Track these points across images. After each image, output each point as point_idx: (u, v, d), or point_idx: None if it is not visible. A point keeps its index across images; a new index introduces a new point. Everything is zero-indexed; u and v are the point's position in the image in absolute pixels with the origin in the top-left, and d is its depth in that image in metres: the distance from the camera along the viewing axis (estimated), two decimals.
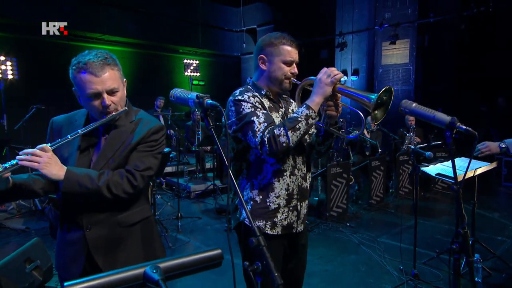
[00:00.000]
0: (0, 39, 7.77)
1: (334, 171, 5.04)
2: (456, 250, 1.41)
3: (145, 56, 10.30)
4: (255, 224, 1.75)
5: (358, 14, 9.67)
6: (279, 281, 0.98)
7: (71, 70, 1.49)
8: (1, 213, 5.34)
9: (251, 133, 1.64)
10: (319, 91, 1.64)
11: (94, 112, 1.52)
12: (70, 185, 1.40)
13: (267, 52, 1.78)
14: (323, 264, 3.74)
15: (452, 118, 1.38)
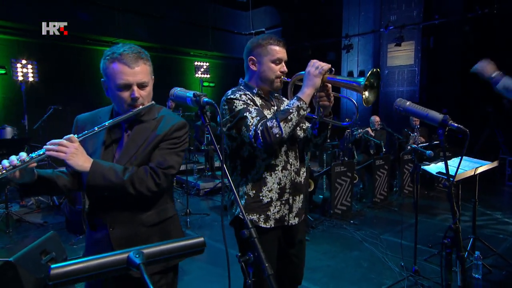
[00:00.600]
0: (22, 44, 7.97)
1: (338, 169, 5.04)
2: (448, 244, 1.42)
3: (158, 59, 10.41)
4: (249, 217, 1.76)
5: (364, 16, 9.63)
6: (269, 271, 1.00)
7: (103, 61, 1.44)
8: (22, 208, 5.47)
9: (245, 128, 1.65)
10: (309, 83, 1.65)
11: (121, 104, 1.45)
12: (95, 178, 1.34)
13: (256, 53, 1.81)
14: (326, 259, 3.75)
15: (444, 116, 1.39)
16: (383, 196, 5.82)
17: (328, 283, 3.26)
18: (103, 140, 1.47)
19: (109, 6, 8.61)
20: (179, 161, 1.51)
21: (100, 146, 1.46)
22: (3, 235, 4.47)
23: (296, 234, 1.93)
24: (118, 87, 1.41)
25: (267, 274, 1.00)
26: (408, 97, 8.98)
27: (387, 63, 9.27)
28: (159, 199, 1.54)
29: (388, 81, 9.29)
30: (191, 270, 3.52)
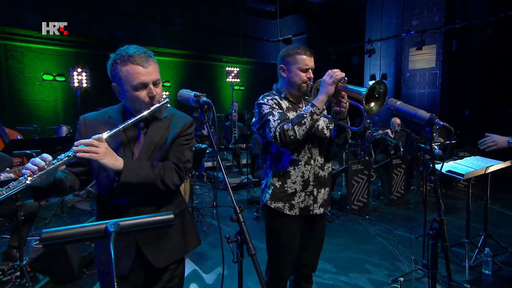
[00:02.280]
0: (78, 54, 8.51)
1: (355, 168, 4.96)
2: (433, 235, 1.40)
3: (192, 65, 10.72)
4: (276, 205, 1.86)
5: (386, 22, 9.35)
6: (253, 251, 1.06)
7: (113, 65, 1.37)
8: (74, 197, 5.87)
9: (268, 129, 1.76)
10: (323, 91, 1.71)
11: (139, 103, 1.38)
12: (129, 175, 1.29)
13: (285, 62, 1.89)
14: (340, 252, 3.72)
15: (430, 114, 1.38)
16: (400, 194, 5.64)
17: (339, 273, 3.24)
18: (121, 139, 1.41)
19: (151, 19, 8.98)
20: (192, 156, 1.52)
21: (120, 145, 1.41)
22: (59, 219, 4.83)
23: (318, 223, 1.98)
24: (134, 88, 1.35)
25: (251, 253, 1.05)
26: (429, 99, 8.63)
27: (408, 66, 8.96)
28: (175, 192, 1.54)
29: (409, 84, 8.97)
30: (212, 256, 3.62)
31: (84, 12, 7.91)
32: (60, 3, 7.55)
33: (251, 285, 2.97)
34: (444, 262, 3.25)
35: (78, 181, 1.41)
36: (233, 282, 3.01)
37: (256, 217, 4.72)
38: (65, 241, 0.65)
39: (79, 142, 1.24)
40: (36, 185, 1.19)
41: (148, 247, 1.43)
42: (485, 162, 3.23)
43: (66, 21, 7.65)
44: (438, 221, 1.37)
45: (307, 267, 2.03)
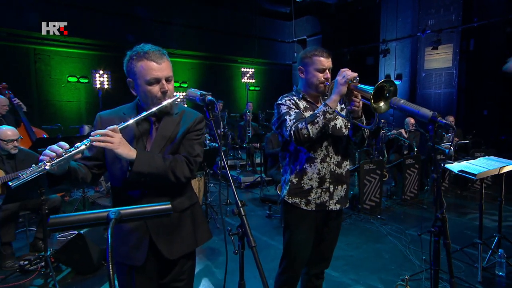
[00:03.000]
0: (100, 57, 8.77)
1: (368, 167, 4.90)
2: (436, 233, 1.39)
3: (209, 66, 10.84)
4: (293, 200, 1.90)
5: (401, 22, 9.17)
6: (253, 243, 1.09)
7: (129, 61, 1.42)
8: (96, 193, 6.06)
9: (284, 128, 1.83)
10: (336, 90, 1.74)
11: (152, 98, 1.42)
12: (141, 165, 1.32)
13: (303, 64, 1.93)
14: (350, 250, 3.69)
15: (433, 113, 1.37)
16: (414, 194, 5.53)
17: (349, 271, 3.22)
18: (134, 133, 1.45)
19: (168, 22, 9.14)
20: (202, 151, 1.55)
21: (133, 139, 1.44)
22: None
23: (334, 220, 2.00)
24: (148, 83, 1.39)
25: (251, 246, 1.08)
26: (445, 99, 8.41)
27: (424, 66, 8.75)
28: (186, 186, 1.56)
29: (425, 84, 8.77)
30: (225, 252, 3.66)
31: (106, 17, 8.14)
32: (83, 9, 7.80)
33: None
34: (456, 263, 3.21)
35: (90, 174, 1.45)
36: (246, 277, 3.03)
37: (269, 215, 4.73)
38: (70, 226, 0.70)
39: (95, 132, 1.28)
40: (52, 172, 1.22)
41: (161, 239, 1.46)
42: (500, 162, 3.13)
43: (90, 27, 7.91)
44: (440, 219, 1.36)
45: (320, 262, 2.05)
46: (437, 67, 8.49)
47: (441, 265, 1.54)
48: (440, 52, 8.27)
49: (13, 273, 3.11)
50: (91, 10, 7.91)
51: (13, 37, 7.51)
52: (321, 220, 1.97)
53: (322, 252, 2.03)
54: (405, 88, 9.14)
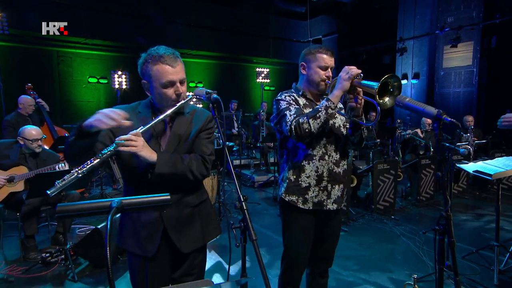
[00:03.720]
0: (118, 58, 9.01)
1: (381, 167, 4.84)
2: (440, 231, 1.38)
3: (224, 66, 10.94)
4: (289, 198, 1.88)
5: (419, 19, 8.98)
6: (254, 236, 1.12)
7: (144, 64, 1.46)
8: (113, 191, 6.24)
9: (284, 123, 1.78)
10: (339, 86, 1.72)
11: (166, 100, 1.47)
12: (162, 166, 1.38)
13: (306, 60, 1.91)
14: (362, 250, 3.67)
15: (438, 110, 1.36)
16: (429, 194, 5.42)
17: (359, 270, 3.21)
18: (150, 133, 1.48)
19: (185, 24, 9.29)
20: (214, 148, 1.60)
21: (149, 138, 1.47)
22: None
23: (333, 219, 1.97)
24: (163, 86, 1.43)
25: (252, 239, 1.11)
26: (465, 98, 8.18)
27: (442, 65, 8.54)
28: (198, 184, 1.60)
29: (443, 83, 8.55)
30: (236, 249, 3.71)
31: (124, 19, 8.36)
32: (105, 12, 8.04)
33: (271, 278, 3.02)
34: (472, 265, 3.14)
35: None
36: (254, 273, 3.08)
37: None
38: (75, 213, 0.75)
39: (119, 138, 1.34)
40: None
41: (174, 232, 1.51)
42: None
43: (109, 29, 8.14)
44: (445, 217, 1.35)
45: (323, 261, 2.04)
46: (456, 65, 8.27)
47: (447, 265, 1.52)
48: (459, 50, 8.05)
49: (35, 265, 3.27)
50: (110, 13, 8.14)
51: (38, 41, 7.82)
52: (320, 220, 1.94)
53: (324, 251, 2.01)
54: (423, 87, 8.95)
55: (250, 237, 1.13)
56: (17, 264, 3.33)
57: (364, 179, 5.83)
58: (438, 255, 1.44)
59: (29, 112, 4.86)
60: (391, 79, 1.58)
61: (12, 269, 3.22)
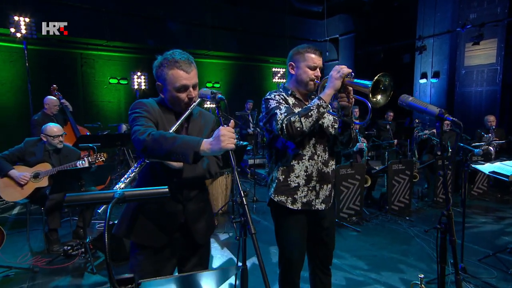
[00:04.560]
0: (137, 59, 9.26)
1: (396, 167, 4.77)
2: (442, 229, 1.38)
3: (241, 67, 11.02)
4: (278, 198, 1.88)
5: (440, 17, 8.74)
6: (253, 230, 1.17)
7: (160, 67, 1.52)
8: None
9: (274, 122, 1.76)
10: (330, 85, 1.73)
11: (179, 103, 1.54)
12: (188, 172, 1.50)
13: (295, 59, 1.92)
14: (374, 250, 3.64)
15: (440, 109, 1.36)
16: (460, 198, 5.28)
17: (370, 270, 3.19)
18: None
19: (202, 25, 9.44)
20: None
21: None
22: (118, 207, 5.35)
23: (324, 219, 1.97)
24: (177, 89, 1.51)
25: (251, 233, 1.16)
26: (487, 98, 7.91)
27: (464, 63, 8.28)
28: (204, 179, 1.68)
29: (465, 81, 8.29)
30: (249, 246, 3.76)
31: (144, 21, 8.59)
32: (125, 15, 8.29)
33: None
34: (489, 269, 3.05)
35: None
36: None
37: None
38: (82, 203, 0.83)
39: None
40: None
41: (193, 224, 1.60)
42: None
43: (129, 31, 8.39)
44: (446, 215, 1.35)
45: (322, 261, 2.05)
46: (478, 63, 8.00)
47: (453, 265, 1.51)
48: (482, 47, 7.79)
49: (58, 257, 3.45)
50: (130, 16, 8.39)
51: (63, 44, 8.16)
52: (312, 220, 1.94)
53: (322, 252, 2.02)
54: (443, 86, 8.71)
55: (249, 230, 1.17)
56: (42, 256, 3.52)
57: (380, 180, 5.75)
58: (440, 254, 1.44)
59: (54, 112, 5.10)
60: (384, 77, 1.59)
61: (37, 260, 3.41)
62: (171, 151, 1.31)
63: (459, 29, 8.11)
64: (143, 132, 1.36)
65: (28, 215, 4.05)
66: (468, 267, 3.10)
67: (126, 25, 8.29)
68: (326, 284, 2.10)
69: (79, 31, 7.80)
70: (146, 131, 1.37)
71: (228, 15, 9.94)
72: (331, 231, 2.04)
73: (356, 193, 4.49)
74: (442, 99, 8.68)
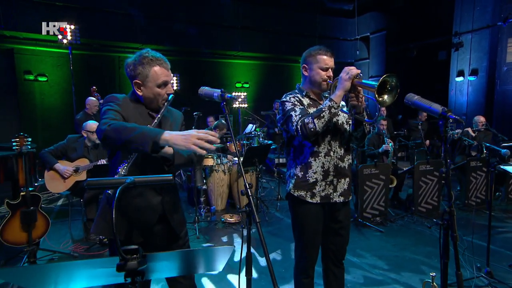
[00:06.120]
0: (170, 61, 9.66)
1: (423, 168, 4.64)
2: (445, 226, 1.40)
3: (269, 67, 11.12)
4: (298, 193, 1.98)
5: (479, 11, 8.28)
6: (257, 219, 1.27)
7: (139, 65, 1.56)
8: None
9: (290, 124, 1.90)
10: (340, 86, 1.81)
11: (158, 98, 1.62)
12: (179, 158, 1.57)
13: (307, 62, 2.01)
14: (395, 250, 3.60)
15: (443, 108, 1.38)
16: (480, 199, 5.05)
17: (390, 270, 3.17)
18: None
19: (232, 27, 9.66)
20: None
21: None
22: None
23: (340, 212, 2.06)
24: (158, 85, 1.59)
25: (256, 221, 1.26)
26: None
27: (506, 59, 7.79)
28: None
29: (506, 79, 7.80)
30: (269, 242, 3.88)
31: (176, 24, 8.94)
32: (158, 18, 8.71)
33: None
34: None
35: None
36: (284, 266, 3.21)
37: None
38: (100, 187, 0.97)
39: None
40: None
41: (170, 215, 1.68)
42: None
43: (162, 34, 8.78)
44: (448, 212, 1.37)
45: (335, 254, 2.11)
46: None
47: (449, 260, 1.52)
48: None
49: (94, 245, 3.76)
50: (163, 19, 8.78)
51: (103, 48, 8.73)
52: (328, 213, 2.03)
53: (336, 246, 2.08)
54: (482, 84, 8.25)
55: (254, 219, 1.27)
56: (81, 243, 3.85)
57: (408, 181, 5.61)
58: (443, 250, 1.46)
59: (94, 112, 5.51)
60: (389, 78, 1.64)
61: (77, 247, 3.74)
62: (130, 140, 1.34)
63: (500, 23, 7.65)
64: (105, 123, 1.42)
65: (70, 206, 4.44)
66: (497, 272, 3.00)
67: (158, 28, 8.70)
68: (339, 278, 2.15)
69: (117, 35, 8.31)
70: (108, 122, 1.43)
71: (258, 16, 10.07)
72: (346, 224, 2.10)
73: (380, 193, 4.43)
74: (481, 98, 8.23)
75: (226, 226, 4.41)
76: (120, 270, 0.77)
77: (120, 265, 0.77)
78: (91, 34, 7.89)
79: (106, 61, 9.00)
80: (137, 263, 0.78)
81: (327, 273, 2.16)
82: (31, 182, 3.93)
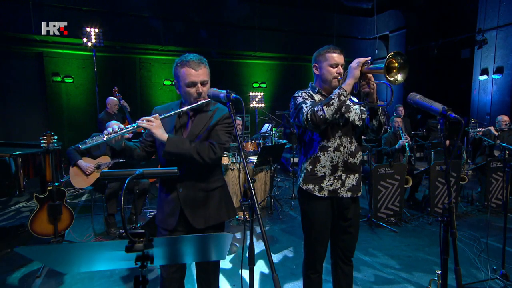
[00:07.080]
0: None
1: (439, 169, 4.55)
2: (445, 222, 1.42)
3: (287, 67, 11.15)
4: (307, 187, 2.03)
5: (505, 7, 7.99)
6: (258, 211, 1.33)
7: (174, 67, 1.77)
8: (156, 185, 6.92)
9: (301, 115, 1.90)
10: (350, 75, 1.85)
11: (189, 97, 1.76)
12: (171, 146, 1.66)
13: (318, 60, 2.07)
14: (408, 251, 3.57)
15: (443, 107, 1.40)
16: (501, 201, 4.90)
17: (402, 270, 3.16)
18: (174, 124, 1.83)
19: (250, 27, 9.76)
20: (228, 140, 1.84)
21: (172, 129, 1.82)
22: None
23: (348, 209, 2.08)
24: (186, 85, 1.74)
25: (257, 213, 1.34)
26: None
27: None
28: (215, 170, 1.86)
29: None
30: (282, 240, 3.93)
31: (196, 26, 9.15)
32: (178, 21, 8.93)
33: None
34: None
35: (144, 152, 1.88)
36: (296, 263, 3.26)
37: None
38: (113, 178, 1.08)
39: (142, 118, 1.70)
40: (111, 145, 1.68)
41: (188, 211, 1.80)
42: None
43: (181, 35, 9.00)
44: (447, 209, 1.39)
45: (344, 251, 2.14)
46: None
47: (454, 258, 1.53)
48: None
49: (114, 238, 3.95)
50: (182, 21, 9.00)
51: (124, 50, 9.06)
52: (337, 210, 2.05)
53: (344, 243, 2.11)
54: (507, 83, 7.96)
55: (255, 212, 1.35)
56: (102, 237, 4.05)
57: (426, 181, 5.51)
58: (443, 246, 1.48)
59: (115, 111, 5.75)
60: (395, 56, 1.67)
61: (98, 240, 3.94)
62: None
63: None
64: None
65: (93, 202, 4.67)
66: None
67: (177, 30, 8.92)
68: (348, 274, 2.18)
69: (138, 37, 8.60)
70: None
71: (275, 16, 10.12)
72: (355, 222, 2.13)
73: (395, 193, 4.40)
74: (506, 97, 7.94)
75: (240, 223, 4.50)
76: (128, 251, 0.87)
77: (128, 247, 0.87)
78: (113, 36, 8.22)
79: (127, 62, 9.33)
80: (143, 245, 0.87)
81: (336, 270, 2.19)
82: (58, 178, 4.16)
